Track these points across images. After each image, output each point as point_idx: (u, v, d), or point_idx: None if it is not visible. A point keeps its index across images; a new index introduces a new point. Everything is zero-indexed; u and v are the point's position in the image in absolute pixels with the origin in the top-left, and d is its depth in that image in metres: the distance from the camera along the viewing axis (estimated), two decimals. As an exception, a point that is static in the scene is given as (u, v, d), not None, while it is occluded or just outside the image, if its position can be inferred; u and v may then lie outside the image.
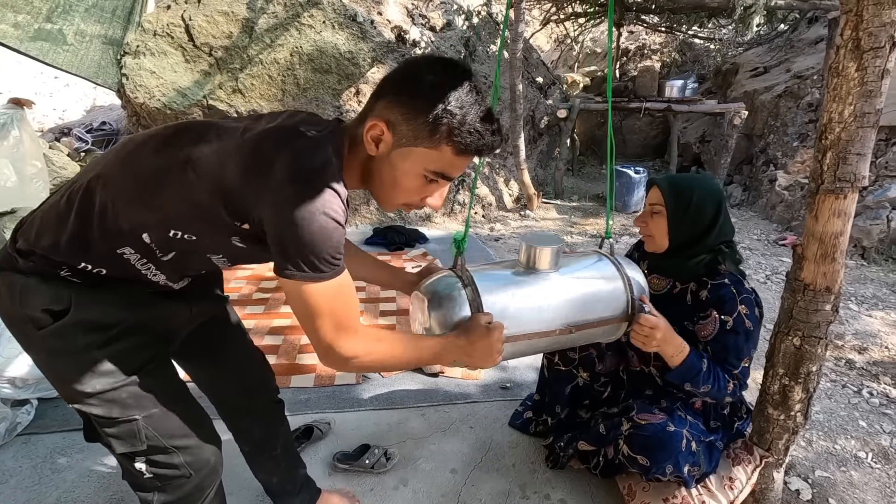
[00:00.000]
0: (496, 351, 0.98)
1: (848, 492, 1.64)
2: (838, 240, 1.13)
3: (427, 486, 1.57)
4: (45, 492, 1.48)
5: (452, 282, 1.08)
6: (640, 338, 1.19)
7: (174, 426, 0.93)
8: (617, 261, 1.24)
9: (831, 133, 1.08)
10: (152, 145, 0.84)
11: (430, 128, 0.79)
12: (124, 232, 0.82)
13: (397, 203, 0.89)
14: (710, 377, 1.23)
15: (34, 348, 0.88)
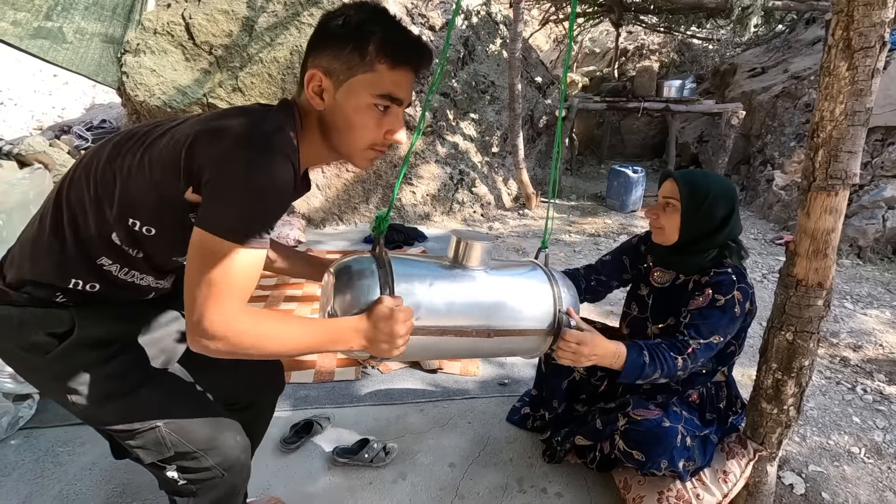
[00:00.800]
0: (399, 336, 0.87)
1: (841, 486, 1.66)
2: (830, 236, 1.15)
3: (425, 480, 1.59)
4: (48, 485, 1.49)
5: (366, 262, 0.99)
6: (567, 354, 1.13)
7: (197, 429, 0.92)
8: (550, 272, 1.19)
9: (823, 131, 1.10)
10: (109, 147, 0.85)
11: (359, 52, 0.79)
12: (96, 237, 0.83)
13: (363, 147, 0.85)
14: (655, 364, 1.20)
15: (43, 375, 0.88)
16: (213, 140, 0.74)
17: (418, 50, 0.83)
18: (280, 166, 0.74)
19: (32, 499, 1.44)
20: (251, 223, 0.73)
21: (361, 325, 0.87)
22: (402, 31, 0.82)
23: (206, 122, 0.78)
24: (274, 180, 0.73)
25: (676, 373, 1.23)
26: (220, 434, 0.95)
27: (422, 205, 4.65)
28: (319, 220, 4.40)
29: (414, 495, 1.53)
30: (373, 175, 4.53)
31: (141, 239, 0.84)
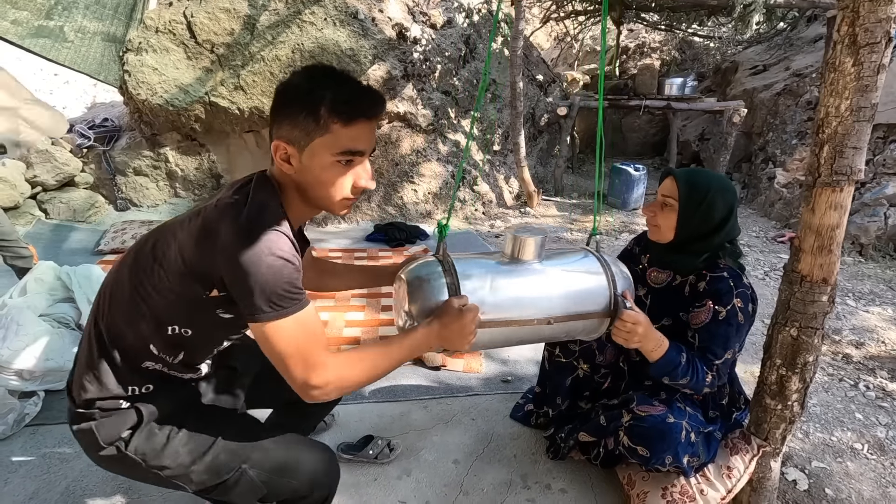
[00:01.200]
0: (469, 332, 0.98)
1: (844, 482, 1.67)
2: (835, 232, 1.15)
3: (430, 477, 1.60)
4: (54, 481, 1.50)
5: (433, 267, 1.08)
6: (621, 334, 1.17)
7: (278, 457, 1.00)
8: (602, 257, 1.24)
9: (828, 127, 1.10)
10: (126, 270, 0.94)
11: (313, 117, 0.84)
12: (136, 349, 0.93)
13: (337, 199, 0.92)
14: (688, 370, 1.24)
15: (137, 467, 0.95)
16: (212, 244, 0.83)
17: (368, 101, 0.88)
18: (278, 241, 0.82)
19: (39, 494, 1.45)
20: (281, 297, 0.82)
21: (434, 327, 0.98)
22: (349, 87, 0.87)
23: (203, 226, 0.86)
24: (278, 254, 0.81)
25: (703, 387, 1.27)
26: (301, 454, 1.03)
27: (423, 203, 4.65)
28: (321, 217, 4.40)
29: (418, 491, 1.54)
30: (374, 173, 4.53)
31: (179, 341, 0.94)
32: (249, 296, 0.81)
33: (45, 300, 2.16)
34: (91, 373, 0.93)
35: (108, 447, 0.93)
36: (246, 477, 0.96)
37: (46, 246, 3.46)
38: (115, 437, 0.93)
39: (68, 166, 3.87)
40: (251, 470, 0.97)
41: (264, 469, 0.98)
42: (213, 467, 0.96)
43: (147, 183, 4.26)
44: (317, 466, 1.02)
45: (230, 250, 0.80)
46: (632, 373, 1.61)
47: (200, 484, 0.96)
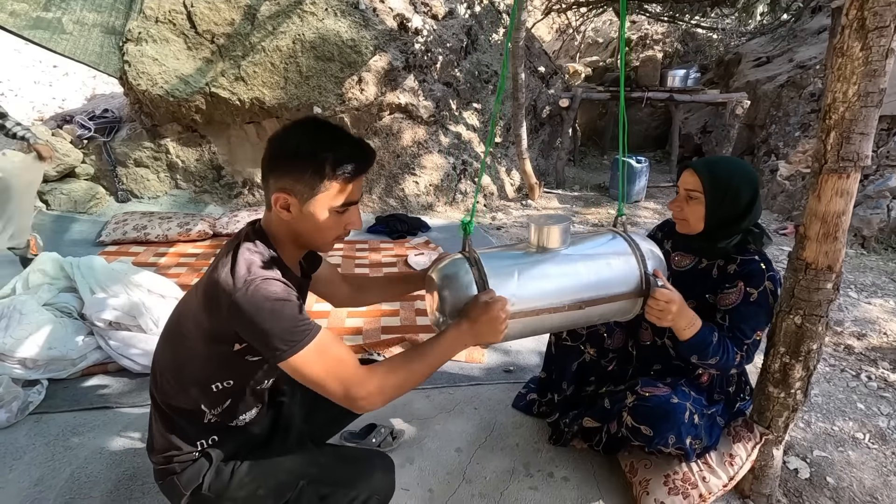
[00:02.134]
0: (499, 324, 1.01)
1: (845, 471, 1.67)
2: (840, 219, 1.15)
3: (433, 465, 1.60)
4: (59, 468, 1.51)
5: (459, 263, 1.10)
6: (655, 313, 1.17)
7: (336, 471, 1.07)
8: (630, 237, 1.23)
9: (835, 113, 1.09)
10: (164, 346, 1.04)
11: (318, 176, 0.92)
12: (193, 412, 1.01)
13: (331, 242, 1.01)
14: (719, 349, 1.24)
15: None
16: (217, 309, 0.90)
17: (365, 159, 0.96)
18: (269, 287, 0.88)
19: (44, 481, 1.46)
20: (291, 333, 0.88)
21: (464, 325, 1.01)
22: (349, 146, 0.94)
23: (205, 295, 0.94)
24: (273, 298, 0.88)
25: (731, 367, 1.26)
26: (356, 466, 1.10)
27: (425, 195, 4.65)
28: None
29: (421, 479, 1.54)
30: (376, 165, 4.52)
31: (226, 393, 1.02)
32: (265, 342, 0.88)
33: (47, 290, 2.16)
34: (165, 439, 1.03)
35: (191, 494, 1.02)
36: (305, 493, 1.03)
37: (48, 237, 3.45)
38: (196, 484, 1.02)
39: (69, 157, 3.86)
40: (309, 486, 1.03)
41: (322, 483, 1.05)
42: (275, 489, 1.03)
43: (148, 174, 4.25)
44: (373, 476, 1.08)
45: (234, 311, 0.87)
46: (640, 357, 1.61)
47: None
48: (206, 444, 1.04)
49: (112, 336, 1.98)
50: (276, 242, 0.99)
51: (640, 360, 1.62)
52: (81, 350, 1.95)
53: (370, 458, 1.12)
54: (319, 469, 1.07)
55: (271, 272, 0.92)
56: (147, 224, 3.51)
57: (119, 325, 2.00)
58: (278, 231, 0.99)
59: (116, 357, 1.95)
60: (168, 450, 1.02)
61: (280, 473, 1.05)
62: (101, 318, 1.99)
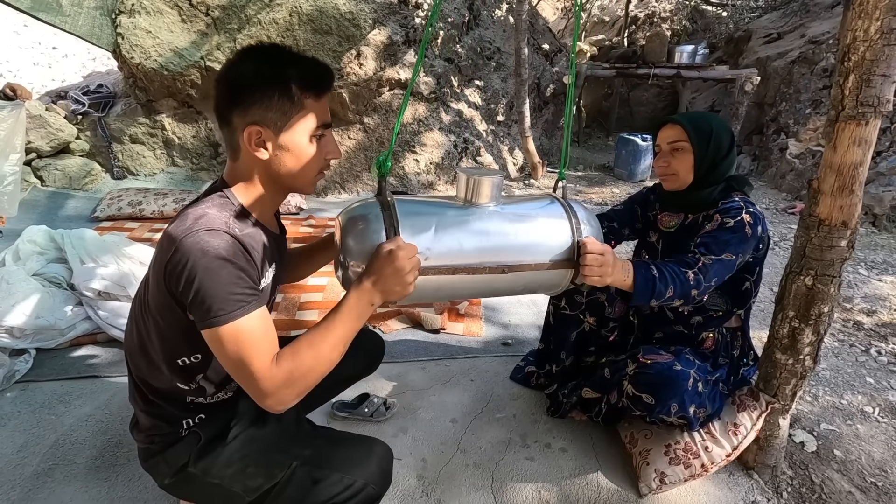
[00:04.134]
0: (405, 275, 0.87)
1: (854, 444, 1.62)
2: (857, 170, 1.08)
3: (427, 435, 1.56)
4: (44, 434, 1.47)
5: (370, 206, 0.97)
6: (594, 270, 1.03)
7: (329, 454, 1.00)
8: (568, 203, 1.12)
9: (854, 53, 1.01)
10: (131, 323, 0.98)
11: (287, 96, 0.84)
12: (170, 391, 0.96)
13: (314, 176, 0.92)
14: (665, 279, 1.13)
15: (203, 484, 0.98)
16: (160, 264, 0.82)
17: (327, 72, 0.89)
18: (212, 238, 0.79)
19: (28, 447, 1.42)
20: (225, 299, 0.78)
21: (365, 283, 0.88)
22: (308, 61, 0.87)
23: (157, 253, 0.86)
24: (213, 251, 0.78)
25: (690, 290, 1.15)
26: (352, 449, 1.02)
27: (425, 173, 4.57)
28: (321, 188, 4.33)
29: (415, 449, 1.50)
30: (375, 142, 4.44)
31: (194, 368, 0.94)
32: (191, 301, 0.79)
33: (36, 261, 2.12)
34: (148, 418, 0.98)
35: (175, 475, 0.98)
36: (297, 474, 0.95)
37: (42, 213, 3.42)
38: (182, 462, 0.96)
39: (62, 132, 3.80)
40: (302, 467, 0.96)
41: (316, 465, 0.97)
42: (266, 467, 0.97)
43: (143, 151, 4.18)
44: (368, 460, 1.00)
45: (171, 263, 0.79)
46: (641, 325, 1.55)
47: (256, 490, 0.96)
48: (193, 423, 0.98)
49: (101, 306, 1.94)
50: (245, 195, 0.90)
51: (641, 328, 1.56)
52: (70, 320, 1.91)
53: (369, 444, 1.03)
54: (314, 451, 1.00)
55: (222, 226, 0.82)
56: (142, 200, 3.46)
57: (108, 295, 1.96)
58: (250, 179, 0.89)
59: (105, 327, 1.91)
60: (152, 429, 0.97)
61: (272, 452, 0.99)
62: (89, 287, 1.95)
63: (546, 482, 1.40)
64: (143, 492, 1.29)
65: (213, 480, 0.96)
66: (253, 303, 0.81)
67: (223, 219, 0.84)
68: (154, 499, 1.27)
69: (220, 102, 0.86)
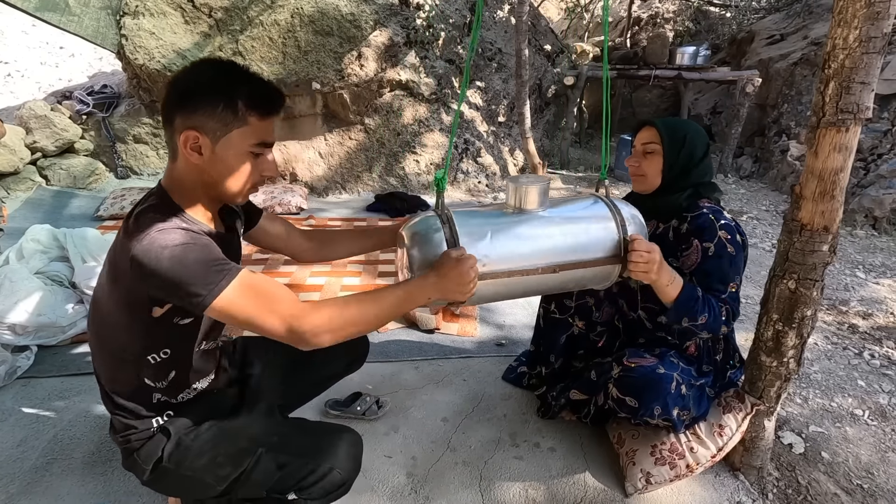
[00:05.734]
0: (467, 281, 0.96)
1: (842, 446, 1.63)
2: (838, 176, 1.09)
3: (417, 433, 1.58)
4: (43, 429, 1.51)
5: (431, 221, 1.06)
6: (640, 266, 1.10)
7: (296, 441, 1.03)
8: (611, 202, 1.19)
9: (834, 61, 1.03)
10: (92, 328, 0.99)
11: (231, 110, 0.86)
12: (138, 390, 0.97)
13: (246, 189, 0.94)
14: (706, 305, 1.20)
15: (180, 478, 1.01)
16: (119, 270, 0.86)
17: (277, 98, 0.92)
18: (165, 234, 0.82)
19: (27, 441, 1.46)
20: (204, 273, 0.82)
21: (431, 277, 0.96)
22: (261, 84, 0.90)
23: (108, 261, 0.91)
24: (171, 242, 0.82)
25: (720, 326, 1.22)
26: (319, 437, 1.05)
27: (426, 174, 4.59)
28: (322, 188, 4.37)
29: (406, 447, 1.53)
30: (376, 143, 4.47)
31: (166, 364, 0.97)
32: (179, 293, 0.82)
33: (39, 259, 2.16)
34: (119, 420, 1.00)
35: (151, 472, 1.00)
36: (263, 460, 0.99)
37: (47, 211, 3.47)
38: (155, 458, 0.99)
39: (67, 132, 3.85)
40: (268, 454, 0.99)
41: (281, 451, 1.00)
42: (234, 455, 0.99)
43: (147, 151, 4.23)
44: (334, 446, 1.03)
45: (136, 268, 0.81)
46: (627, 331, 1.57)
47: (226, 479, 0.99)
48: (163, 420, 1.01)
49: (101, 304, 1.98)
50: (182, 199, 0.92)
51: (626, 333, 1.58)
52: (71, 318, 1.95)
53: (337, 431, 1.07)
54: (280, 438, 1.04)
55: (171, 224, 0.85)
56: (145, 199, 3.50)
57: (108, 294, 2.00)
58: (185, 183, 0.92)
59: (105, 325, 1.94)
60: (126, 430, 0.99)
61: (241, 440, 1.02)
62: (90, 286, 1.98)
63: (534, 481, 1.42)
64: (137, 486, 1.32)
65: (187, 473, 0.99)
66: (233, 268, 0.85)
67: (170, 219, 0.87)
68: (147, 493, 1.30)
69: (167, 102, 0.89)
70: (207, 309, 0.82)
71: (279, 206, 3.73)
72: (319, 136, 4.41)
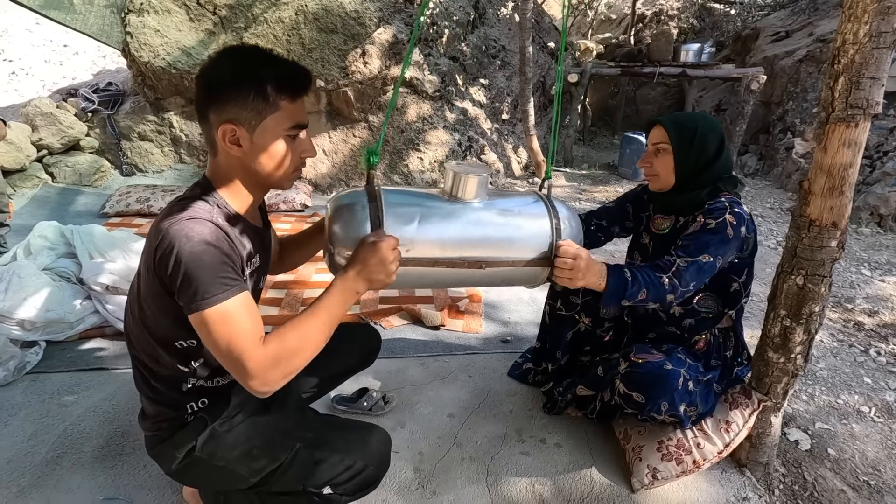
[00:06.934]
0: (388, 264, 0.92)
1: (848, 443, 1.63)
2: (847, 172, 1.09)
3: (424, 429, 1.59)
4: (53, 424, 1.52)
5: (358, 196, 1.01)
6: (565, 273, 1.07)
7: (331, 437, 1.04)
8: (551, 202, 1.14)
9: (844, 56, 1.02)
10: (128, 312, 1.00)
11: (261, 97, 0.86)
12: (171, 375, 0.97)
13: (289, 174, 0.95)
14: (639, 283, 1.15)
15: (210, 469, 1.01)
16: (149, 251, 0.86)
17: (304, 76, 0.91)
18: (196, 225, 0.83)
19: (38, 436, 1.47)
20: (210, 282, 0.81)
21: (350, 272, 0.93)
22: (286, 65, 0.90)
23: (147, 249, 0.89)
24: (198, 236, 0.82)
25: (665, 294, 1.17)
26: (353, 433, 1.06)
27: (429, 171, 4.59)
28: (326, 185, 4.38)
29: (412, 443, 1.53)
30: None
31: (192, 351, 0.96)
32: (180, 285, 0.81)
33: (47, 255, 2.17)
34: (153, 405, 1.00)
35: (182, 460, 0.99)
36: (301, 455, 0.99)
37: (53, 208, 3.48)
38: (189, 446, 0.98)
39: (73, 129, 3.87)
40: (305, 449, 1.00)
41: (318, 447, 1.01)
42: (270, 449, 1.00)
43: (152, 148, 4.24)
44: (367, 444, 1.04)
45: (159, 250, 0.82)
46: (636, 326, 1.57)
47: (261, 471, 0.99)
48: (197, 407, 1.01)
49: (109, 300, 1.99)
50: (226, 190, 0.93)
51: (635, 328, 1.58)
52: (79, 313, 1.96)
53: (368, 428, 1.09)
54: (316, 433, 1.04)
55: (205, 215, 0.86)
56: (150, 197, 3.52)
57: (116, 290, 2.01)
58: (229, 175, 0.92)
59: (113, 321, 1.96)
60: (158, 416, 1.00)
61: (276, 435, 1.02)
62: (98, 282, 1.99)
63: (540, 476, 1.43)
64: (147, 480, 1.33)
65: (219, 463, 0.99)
66: (237, 287, 0.84)
67: (206, 210, 0.88)
68: (158, 486, 1.31)
69: (199, 99, 0.89)
70: (191, 314, 0.82)
71: (283, 203, 3.74)
72: (323, 134, 4.42)
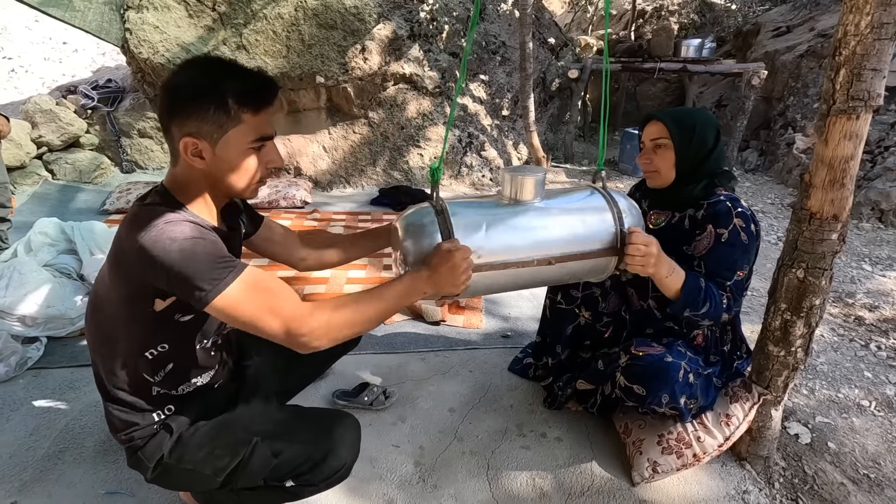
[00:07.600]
0: (460, 273, 0.95)
1: (848, 437, 1.63)
2: (849, 164, 1.09)
3: (425, 423, 1.59)
4: (54, 419, 1.53)
5: (425, 212, 1.04)
6: (637, 260, 1.09)
7: (291, 428, 1.03)
8: (608, 193, 1.17)
9: (845, 48, 1.02)
10: (90, 324, 0.98)
11: (222, 111, 0.85)
12: (137, 384, 0.96)
13: (254, 184, 0.94)
14: (707, 295, 1.19)
15: (181, 473, 1.01)
16: (124, 260, 0.85)
17: (268, 88, 0.89)
18: (174, 226, 0.82)
19: (39, 431, 1.48)
20: (210, 269, 0.81)
21: (423, 272, 0.95)
22: (249, 77, 0.88)
23: (114, 254, 0.89)
24: (181, 235, 0.81)
25: (721, 313, 1.22)
26: (315, 422, 1.05)
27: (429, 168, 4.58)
28: (326, 182, 4.37)
29: (413, 437, 1.54)
30: (380, 137, 4.46)
31: (164, 358, 0.96)
32: (183, 286, 0.81)
33: (47, 252, 2.17)
34: (120, 418, 0.99)
35: (155, 468, 1.00)
36: (259, 449, 0.98)
37: (53, 205, 3.48)
38: (158, 456, 0.99)
39: (73, 126, 3.86)
40: (263, 442, 0.99)
41: (276, 439, 1.00)
42: (231, 447, 0.99)
43: (152, 145, 4.24)
44: (331, 432, 1.02)
45: (142, 257, 0.81)
46: (633, 322, 1.57)
47: (224, 470, 0.99)
48: (164, 415, 1.01)
49: (109, 296, 1.99)
50: (185, 197, 0.91)
51: (633, 324, 1.58)
52: (80, 309, 1.96)
53: (332, 416, 1.07)
54: (276, 425, 1.03)
55: (176, 216, 0.85)
56: (150, 193, 3.52)
57: (116, 286, 2.01)
58: (190, 183, 0.91)
59: (114, 317, 1.96)
60: (127, 427, 0.99)
61: (237, 431, 1.02)
62: (98, 278, 2.00)
63: (541, 470, 1.43)
64: (149, 474, 1.34)
65: (188, 467, 0.99)
66: (239, 265, 0.85)
67: (177, 214, 0.86)
68: (160, 481, 1.31)
69: (161, 111, 0.88)
70: (209, 306, 0.82)
71: (284, 199, 3.73)
72: (323, 130, 4.41)
